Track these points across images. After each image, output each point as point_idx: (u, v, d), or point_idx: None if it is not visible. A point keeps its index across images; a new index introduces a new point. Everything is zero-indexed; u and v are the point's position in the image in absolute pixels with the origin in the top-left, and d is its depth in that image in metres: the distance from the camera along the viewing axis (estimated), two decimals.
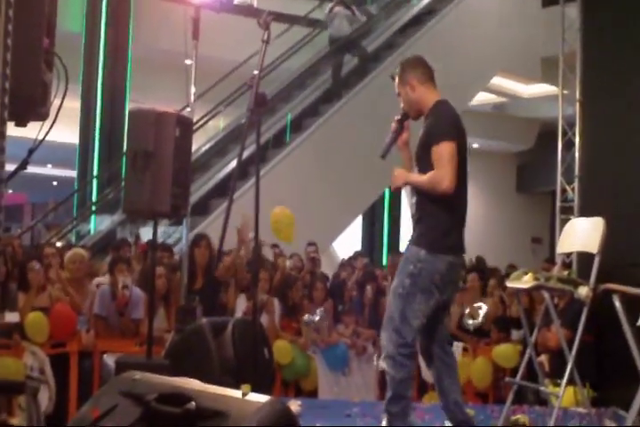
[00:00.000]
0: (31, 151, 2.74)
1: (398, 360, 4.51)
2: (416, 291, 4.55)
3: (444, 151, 4.51)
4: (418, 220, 4.71)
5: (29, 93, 2.51)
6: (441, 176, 4.47)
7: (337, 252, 14.62)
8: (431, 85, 4.78)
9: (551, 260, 9.85)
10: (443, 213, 4.60)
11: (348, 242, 15.62)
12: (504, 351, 7.75)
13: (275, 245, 9.35)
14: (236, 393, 2.45)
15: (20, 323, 6.62)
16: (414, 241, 4.67)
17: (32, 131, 2.80)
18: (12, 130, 2.54)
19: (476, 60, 14.17)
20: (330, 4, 12.82)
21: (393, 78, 4.85)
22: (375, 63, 13.28)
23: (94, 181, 12.94)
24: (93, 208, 12.74)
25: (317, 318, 7.81)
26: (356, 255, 10.86)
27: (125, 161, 5.65)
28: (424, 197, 4.67)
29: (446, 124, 4.64)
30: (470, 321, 7.95)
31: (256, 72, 5.06)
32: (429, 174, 4.54)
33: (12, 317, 6.46)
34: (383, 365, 4.71)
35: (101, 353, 6.72)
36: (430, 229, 4.63)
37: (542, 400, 6.84)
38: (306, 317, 7.86)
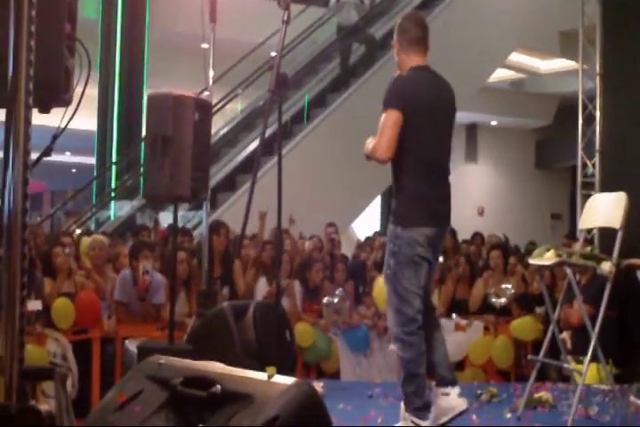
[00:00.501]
0: (55, 137, 2.75)
1: (405, 340, 4.55)
2: (402, 267, 4.55)
3: (385, 120, 4.49)
4: (392, 196, 4.71)
5: (53, 80, 2.52)
6: (375, 145, 4.48)
7: (356, 233, 14.62)
8: (414, 51, 4.71)
9: (571, 235, 9.82)
10: (411, 186, 4.57)
11: (367, 222, 15.61)
12: (521, 324, 7.74)
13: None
14: (262, 376, 2.46)
15: (45, 309, 6.66)
16: (390, 220, 4.66)
17: (49, 118, 2.81)
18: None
19: (493, 37, 14.07)
20: None
21: None
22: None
23: (113, 168, 12.96)
24: (113, 194, 12.77)
25: (337, 300, 7.82)
26: (375, 235, 10.86)
27: (144, 146, 5.65)
28: (394, 172, 4.65)
29: (394, 91, 4.57)
30: (494, 299, 7.93)
31: (274, 53, 5.05)
32: (371, 143, 4.55)
33: (34, 305, 6.50)
34: (393, 347, 4.72)
35: (123, 339, 6.76)
36: (400, 204, 4.62)
37: (565, 377, 6.85)
38: (325, 299, 7.87)
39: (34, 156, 2.64)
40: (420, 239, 4.51)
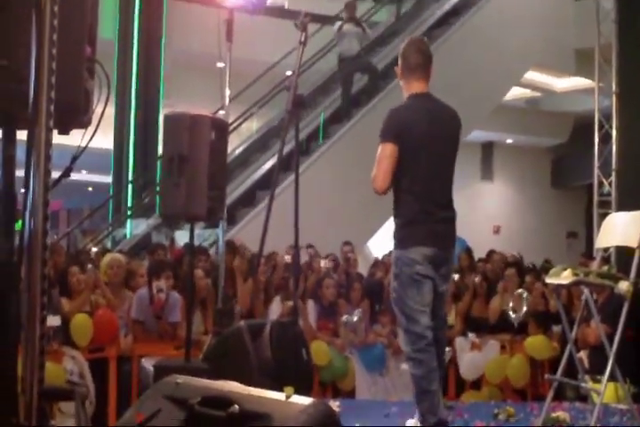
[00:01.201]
0: (74, 158, 2.77)
1: (415, 358, 4.64)
2: (405, 287, 4.69)
3: (380, 153, 4.69)
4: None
5: (73, 102, 2.54)
6: (373, 177, 4.70)
7: (372, 251, 14.60)
8: (415, 78, 4.81)
9: (588, 254, 9.79)
10: (406, 212, 4.75)
11: (383, 241, 15.60)
12: (534, 343, 7.70)
13: (310, 246, 9.35)
14: (279, 395, 2.46)
15: (63, 327, 6.68)
16: (393, 244, 4.83)
17: (66, 138, 2.83)
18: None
19: (509, 55, 14.10)
20: (339, 23, 12.39)
21: None
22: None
23: (129, 186, 13.01)
24: (129, 213, 12.82)
25: (356, 319, 7.82)
26: (390, 253, 10.82)
27: (161, 165, 5.68)
28: (393, 197, 4.84)
29: (387, 123, 4.73)
30: (514, 315, 7.90)
31: (290, 73, 5.11)
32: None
33: (53, 320, 6.52)
34: (405, 366, 4.77)
35: (139, 357, 6.77)
36: (398, 228, 4.81)
37: (582, 396, 6.80)
38: (344, 317, 7.87)
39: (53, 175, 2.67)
40: (419, 258, 4.65)
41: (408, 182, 4.71)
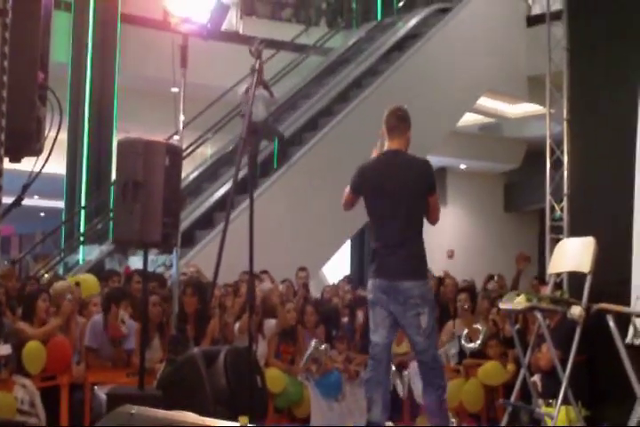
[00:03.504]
0: (25, 187, 2.74)
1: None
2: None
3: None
4: None
5: (24, 130, 2.52)
6: None
7: (326, 277, 14.60)
8: (389, 138, 5.34)
9: (540, 278, 9.85)
10: (371, 247, 5.36)
11: (337, 266, 15.61)
12: (486, 371, 7.67)
13: (264, 271, 9.32)
14: (233, 425, 2.45)
15: (15, 354, 6.55)
16: None
17: (21, 163, 2.79)
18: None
19: (462, 82, 14.22)
20: (245, 86, 12.20)
21: None
22: (362, 87, 13.38)
23: (82, 212, 12.88)
24: (81, 239, 12.69)
25: (322, 349, 7.87)
26: (345, 279, 10.93)
27: (114, 191, 5.65)
28: None
29: (354, 174, 5.38)
30: (469, 344, 7.91)
31: (246, 100, 5.13)
32: None
33: (4, 349, 6.42)
34: None
35: (92, 385, 6.68)
36: None
37: (536, 420, 6.82)
38: (313, 342, 7.86)
39: (5, 200, 2.63)
40: (371, 288, 5.21)
41: (371, 224, 5.32)
